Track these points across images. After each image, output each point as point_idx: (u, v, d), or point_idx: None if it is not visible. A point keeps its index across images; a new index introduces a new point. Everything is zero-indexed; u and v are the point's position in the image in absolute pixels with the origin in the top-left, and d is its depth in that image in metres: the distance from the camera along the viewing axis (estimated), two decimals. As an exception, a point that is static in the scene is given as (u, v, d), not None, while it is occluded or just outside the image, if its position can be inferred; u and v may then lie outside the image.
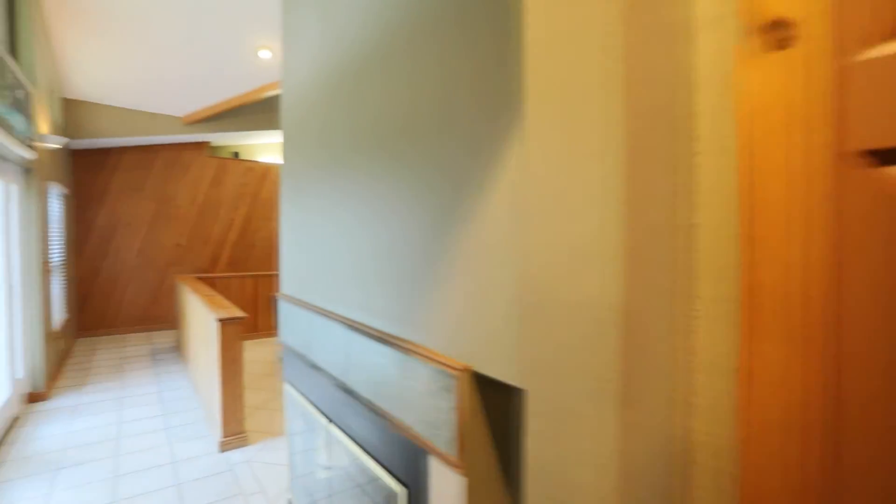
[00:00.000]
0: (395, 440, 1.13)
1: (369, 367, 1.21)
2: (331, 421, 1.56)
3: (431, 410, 0.93)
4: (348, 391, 1.35)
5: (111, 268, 6.08)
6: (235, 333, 2.96)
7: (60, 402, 3.70)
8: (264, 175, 7.11)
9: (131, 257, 6.19)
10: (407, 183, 1.10)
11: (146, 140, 5.94)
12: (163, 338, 6.01)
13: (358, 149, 1.35)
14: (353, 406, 1.35)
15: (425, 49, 1.03)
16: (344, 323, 1.38)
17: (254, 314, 6.04)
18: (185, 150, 6.49)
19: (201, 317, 3.56)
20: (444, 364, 0.89)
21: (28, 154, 3.21)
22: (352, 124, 1.39)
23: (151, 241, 6.31)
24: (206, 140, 6.60)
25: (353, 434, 1.37)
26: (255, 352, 5.37)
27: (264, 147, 7.64)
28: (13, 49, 3.51)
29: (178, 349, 5.29)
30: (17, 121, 2.98)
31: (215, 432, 3.07)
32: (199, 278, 5.71)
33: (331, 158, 1.55)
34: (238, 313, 3.02)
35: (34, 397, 3.70)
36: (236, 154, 7.11)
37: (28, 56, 3.64)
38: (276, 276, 6.50)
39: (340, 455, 1.52)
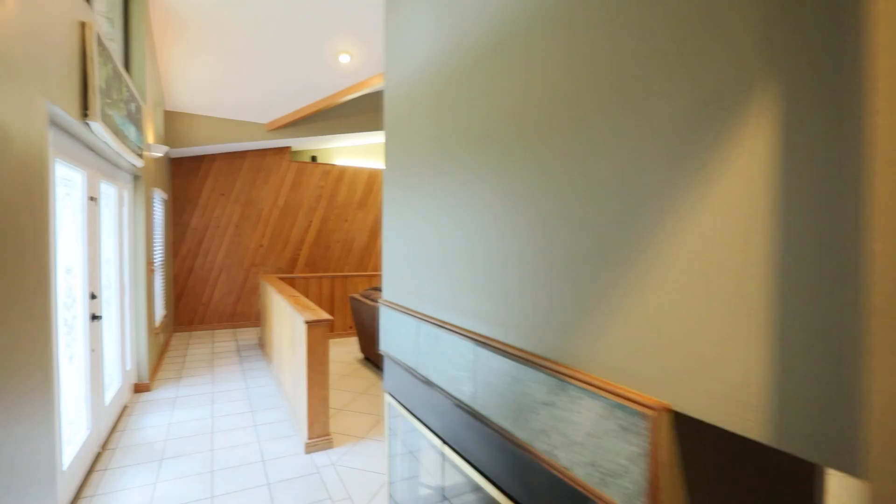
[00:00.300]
0: (538, 478, 0.98)
1: (504, 390, 1.07)
2: (446, 443, 1.44)
3: (602, 452, 0.78)
4: (475, 415, 1.22)
5: (202, 267, 6.47)
6: (322, 336, 2.97)
7: (161, 394, 3.94)
8: (340, 178, 7.28)
9: (219, 258, 6.56)
10: (556, 186, 0.95)
11: (234, 147, 6.26)
12: (246, 335, 6.30)
13: (491, 144, 1.22)
14: (479, 431, 1.22)
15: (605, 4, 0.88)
16: (468, 337, 1.25)
17: (331, 314, 6.19)
18: (267, 156, 6.79)
19: (287, 317, 3.63)
20: (627, 398, 0.74)
21: (138, 162, 3.42)
22: (482, 117, 1.26)
23: (237, 243, 6.64)
24: (287, 145, 6.86)
25: (478, 463, 1.24)
26: (333, 352, 5.47)
27: (340, 150, 7.84)
28: (127, 65, 3.78)
29: (261, 347, 5.51)
30: (130, 132, 3.18)
31: (301, 433, 3.10)
32: (281, 278, 5.92)
33: (450, 156, 1.44)
34: (324, 315, 3.03)
35: (139, 388, 3.95)
36: (314, 158, 7.35)
37: (139, 72, 3.91)
38: (353, 277, 6.68)
39: (457, 480, 1.40)
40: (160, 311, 5.01)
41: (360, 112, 6.88)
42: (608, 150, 0.82)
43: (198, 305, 6.46)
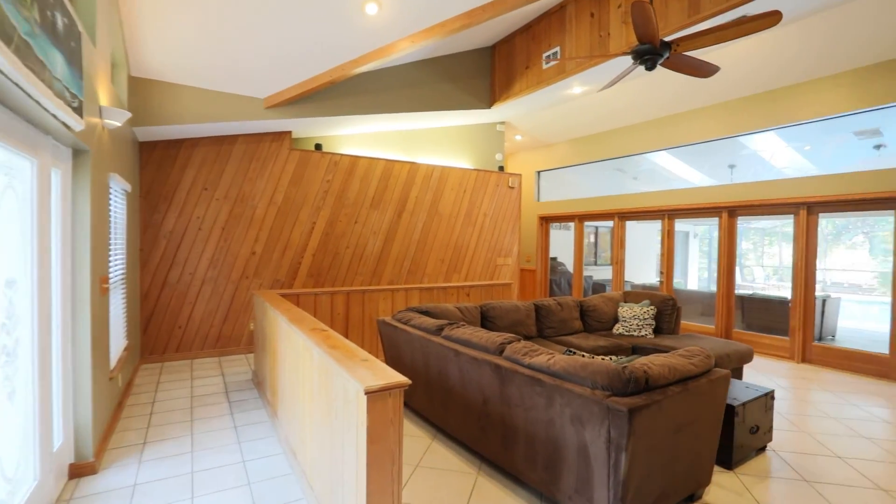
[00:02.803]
0: None
1: None
2: None
3: None
4: None
5: (180, 281, 5.11)
6: (393, 412, 1.71)
7: (113, 479, 2.60)
8: (350, 170, 6.01)
9: (202, 268, 5.21)
10: None
11: (222, 128, 4.94)
12: (236, 364, 4.96)
13: None
14: None
15: None
16: None
17: (345, 335, 4.91)
18: (263, 142, 5.48)
19: (308, 360, 2.36)
20: None
21: (73, 121, 2.12)
22: None
23: (224, 249, 5.31)
24: (287, 130, 5.57)
25: None
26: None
27: (349, 139, 6.57)
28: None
29: (257, 385, 4.18)
30: (55, 62, 1.89)
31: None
32: (283, 295, 4.61)
33: None
34: (392, 376, 1.77)
35: (78, 470, 2.61)
36: (318, 146, 6.06)
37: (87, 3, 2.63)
38: (372, 292, 5.40)
39: None
40: (118, 344, 3.66)
41: (382, 89, 5.62)
42: None
43: (173, 329, 5.10)
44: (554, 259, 9.93)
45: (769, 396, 3.05)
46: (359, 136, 6.65)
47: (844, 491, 2.60)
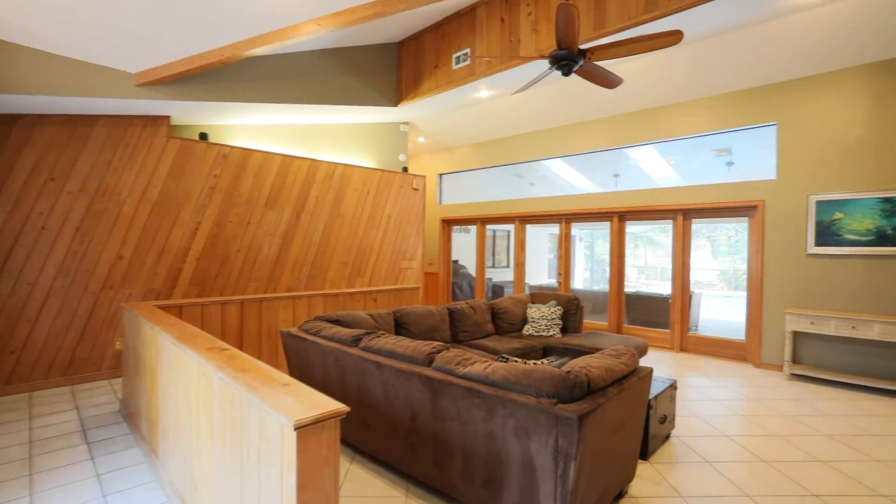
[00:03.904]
0: None
1: None
2: None
3: None
4: None
5: (15, 293, 4.08)
6: (331, 448, 1.42)
7: None
8: (242, 165, 5.36)
9: (47, 277, 4.22)
10: None
11: (76, 105, 4.06)
12: (98, 394, 4.08)
13: None
14: None
15: None
16: None
17: (239, 347, 4.30)
18: (134, 126, 4.63)
19: (209, 391, 1.94)
20: None
21: None
22: None
23: (80, 253, 4.37)
24: (165, 114, 4.77)
25: None
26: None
27: (241, 130, 5.87)
28: None
29: (128, 418, 3.46)
30: None
31: None
32: (162, 307, 3.90)
33: None
34: (327, 403, 1.48)
35: None
36: (204, 135, 5.31)
37: None
38: (271, 300, 4.82)
39: None
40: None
41: (281, 77, 5.11)
42: None
43: (2, 355, 4.05)
44: (455, 262, 10.02)
45: (673, 387, 3.27)
46: (252, 127, 5.99)
47: (737, 467, 2.86)
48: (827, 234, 4.88)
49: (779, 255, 5.21)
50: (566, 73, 3.41)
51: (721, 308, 10.99)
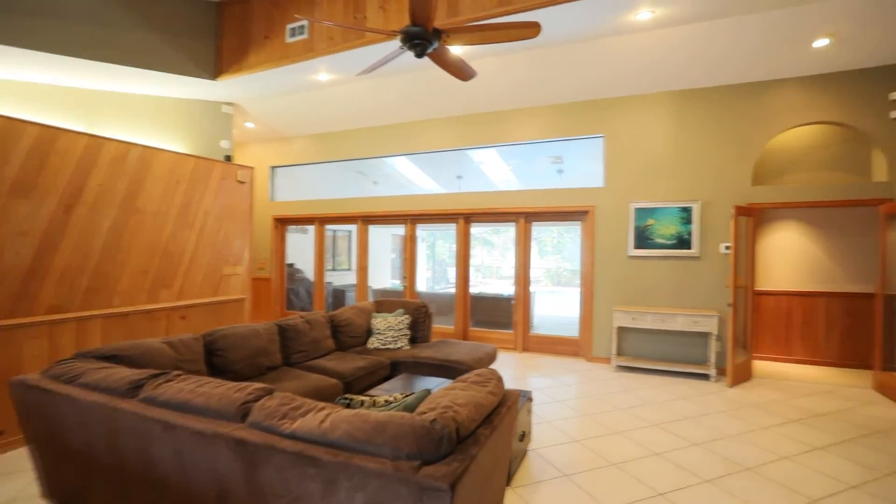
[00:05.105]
0: None
1: None
2: None
3: None
4: None
5: None
6: None
7: None
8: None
9: None
10: None
11: None
12: None
13: None
14: None
15: None
16: None
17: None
18: None
19: None
20: None
21: None
22: None
23: None
24: None
25: None
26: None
27: (-37, 85, 4.12)
28: None
29: None
30: None
31: None
32: None
33: None
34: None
35: None
36: None
37: None
38: (11, 328, 3.30)
39: None
40: None
41: (51, 16, 3.68)
42: None
43: None
44: (291, 266, 9.00)
45: (529, 399, 3.12)
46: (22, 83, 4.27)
47: (593, 477, 2.80)
48: (643, 238, 5.46)
49: (607, 257, 5.68)
50: (419, 55, 3.00)
51: (548, 303, 12.07)
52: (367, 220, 7.57)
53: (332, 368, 3.70)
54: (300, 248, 9.06)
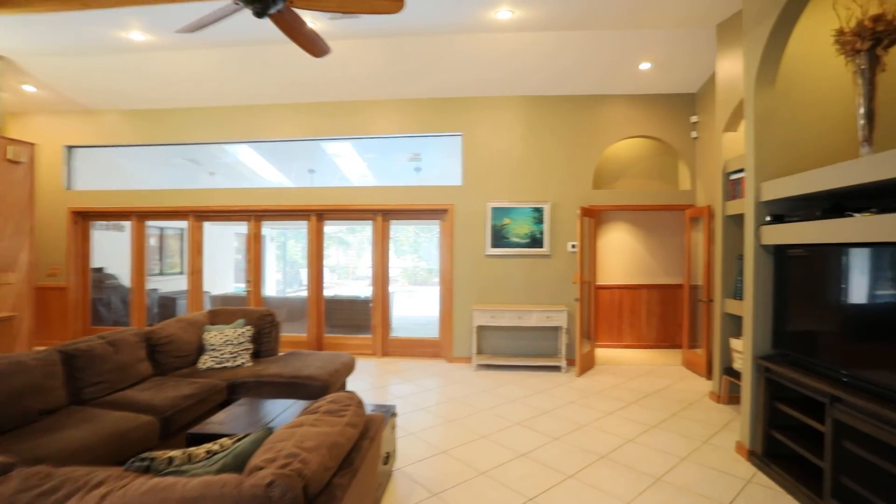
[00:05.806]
0: None
1: None
2: None
3: None
4: None
5: None
6: None
7: None
8: None
9: None
10: None
11: None
12: None
13: None
14: None
15: None
16: None
17: None
18: None
19: None
20: None
21: None
22: None
23: None
24: None
25: None
26: None
27: None
28: None
29: None
30: None
31: None
32: None
33: None
34: None
35: None
36: None
37: None
38: None
39: None
40: None
41: None
42: None
43: None
44: (100, 270, 7.29)
45: (393, 414, 2.81)
46: None
47: (464, 491, 2.61)
48: (499, 237, 5.57)
49: (465, 256, 5.67)
50: (259, 13, 2.46)
51: (407, 304, 11.96)
52: (201, 215, 6.45)
53: (145, 401, 2.90)
54: (117, 250, 7.38)
